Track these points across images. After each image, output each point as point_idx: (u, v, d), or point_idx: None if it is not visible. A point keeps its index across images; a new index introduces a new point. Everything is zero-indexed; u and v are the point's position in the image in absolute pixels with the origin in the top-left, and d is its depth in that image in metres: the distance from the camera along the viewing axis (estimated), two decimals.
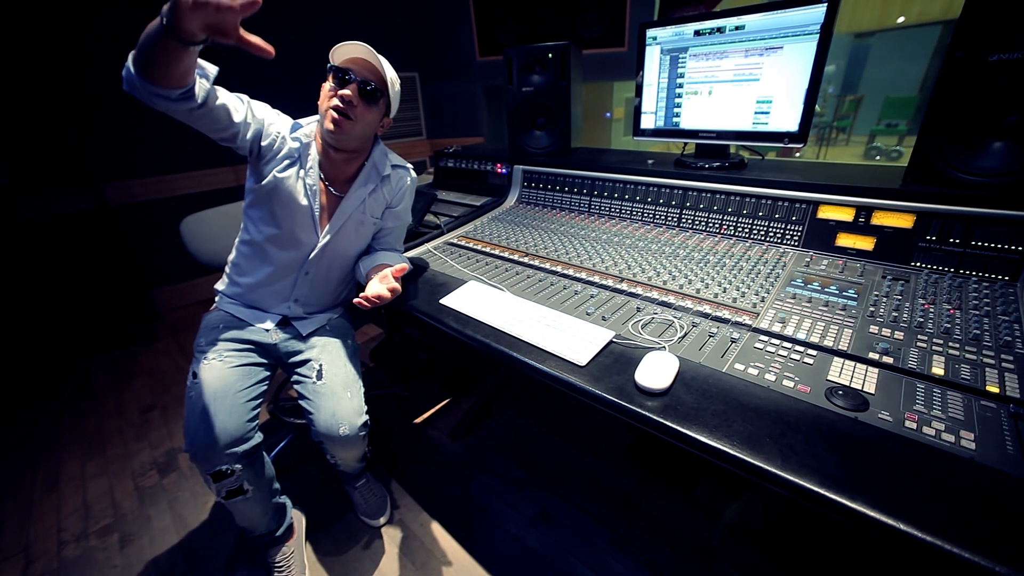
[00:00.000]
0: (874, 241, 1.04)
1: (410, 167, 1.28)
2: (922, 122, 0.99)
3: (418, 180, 2.11)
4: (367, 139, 1.14)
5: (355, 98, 1.02)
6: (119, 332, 2.66)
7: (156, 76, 0.82)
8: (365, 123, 1.06)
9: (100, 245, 2.54)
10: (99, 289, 2.57)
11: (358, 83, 1.02)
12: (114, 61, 0.87)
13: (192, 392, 1.05)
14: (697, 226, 1.30)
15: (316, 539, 1.40)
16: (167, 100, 0.87)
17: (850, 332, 0.81)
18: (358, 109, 1.03)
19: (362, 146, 1.14)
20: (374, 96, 1.04)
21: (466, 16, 3.20)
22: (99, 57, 2.38)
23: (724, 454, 0.60)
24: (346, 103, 1.01)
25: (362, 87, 1.02)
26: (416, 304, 1.06)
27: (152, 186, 2.70)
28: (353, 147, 1.12)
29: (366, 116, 1.05)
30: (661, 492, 1.48)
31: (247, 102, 1.04)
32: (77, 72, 2.35)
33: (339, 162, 1.14)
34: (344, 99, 1.01)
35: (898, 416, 0.63)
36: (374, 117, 1.08)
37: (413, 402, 2.00)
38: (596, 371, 0.78)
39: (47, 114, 2.32)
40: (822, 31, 1.05)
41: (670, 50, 1.31)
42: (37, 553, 1.40)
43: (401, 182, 1.24)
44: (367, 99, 1.04)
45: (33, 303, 2.41)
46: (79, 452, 1.81)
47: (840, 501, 0.52)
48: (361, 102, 1.03)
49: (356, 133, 1.07)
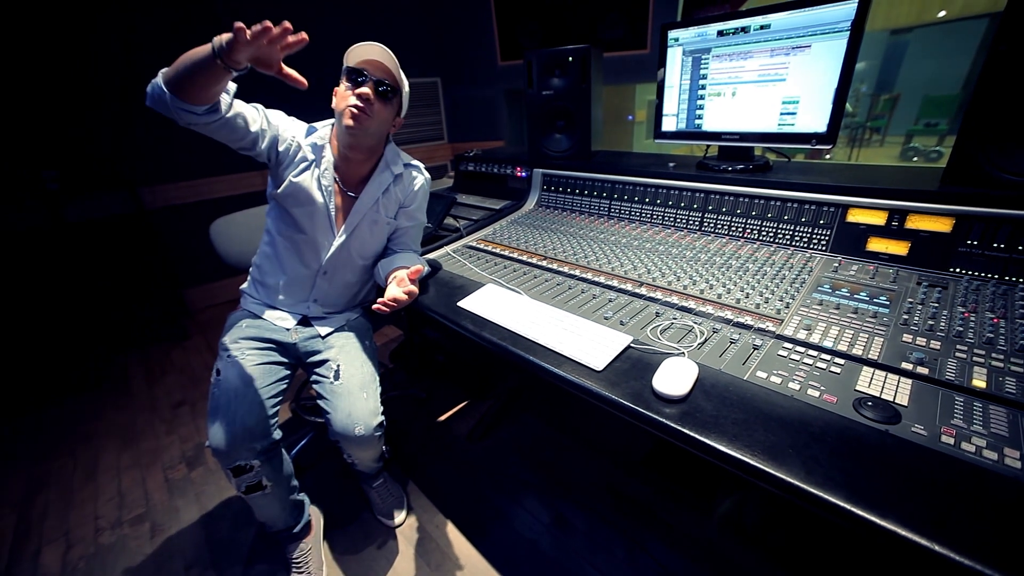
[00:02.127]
0: (908, 246, 1.00)
1: (421, 166, 1.30)
2: (962, 120, 0.95)
3: (439, 184, 2.15)
4: (381, 138, 1.16)
5: (372, 96, 1.05)
6: (153, 330, 2.78)
7: (190, 95, 0.89)
8: (380, 120, 1.09)
9: (137, 246, 2.67)
10: (136, 288, 2.70)
11: (374, 82, 1.05)
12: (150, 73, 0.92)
13: (215, 389, 1.09)
14: (719, 230, 1.27)
15: (333, 537, 1.42)
16: (193, 115, 0.93)
17: (881, 341, 0.78)
18: (375, 107, 1.06)
19: (376, 145, 1.17)
20: (388, 95, 1.08)
21: (487, 20, 3.22)
22: (138, 68, 2.51)
23: (744, 464, 0.58)
24: (364, 101, 1.04)
25: (377, 86, 1.05)
26: (434, 306, 1.07)
27: (186, 189, 2.82)
28: (369, 145, 1.14)
29: (381, 114, 1.08)
30: (680, 501, 1.44)
31: (262, 111, 1.09)
32: (119, 82, 2.48)
33: (354, 163, 1.17)
34: (362, 97, 1.04)
35: (934, 430, 0.59)
36: (388, 116, 1.11)
37: (431, 404, 2.01)
38: (613, 376, 0.77)
39: (91, 122, 2.46)
40: (853, 28, 1.02)
41: (692, 51, 1.29)
42: (76, 538, 1.48)
43: (414, 182, 1.26)
44: (382, 98, 1.07)
45: (75, 301, 2.55)
46: (115, 444, 1.90)
47: (868, 518, 0.49)
48: (377, 100, 1.06)
49: (372, 130, 1.09)
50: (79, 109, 2.41)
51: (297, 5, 2.95)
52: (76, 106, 2.40)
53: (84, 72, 2.38)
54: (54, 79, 2.32)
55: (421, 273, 1.04)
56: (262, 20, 0.75)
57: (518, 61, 3.19)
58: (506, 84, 3.39)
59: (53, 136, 2.37)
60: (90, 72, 2.40)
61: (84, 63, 2.37)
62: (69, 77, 2.35)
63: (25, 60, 2.23)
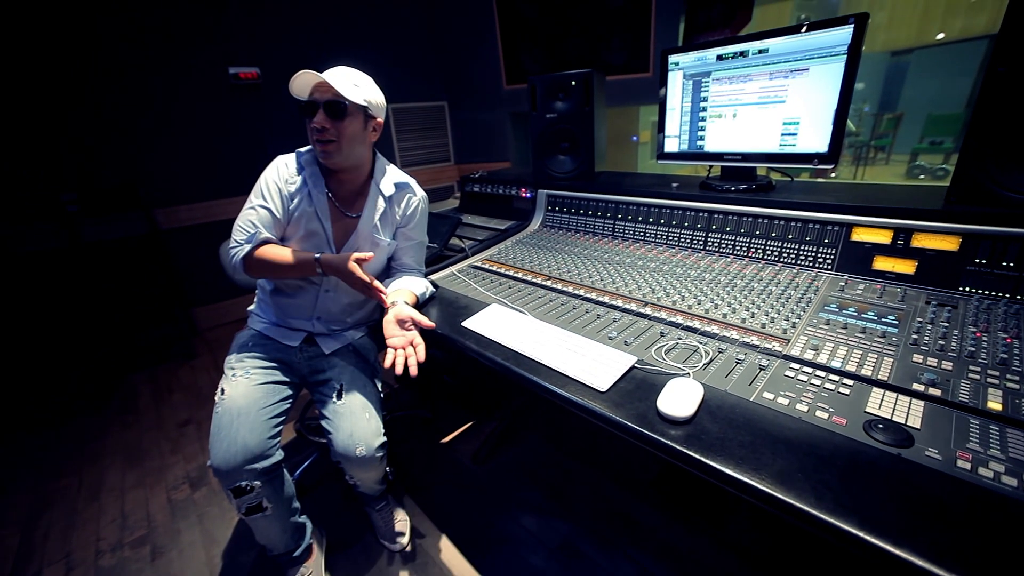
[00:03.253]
0: (915, 264, 0.99)
1: (414, 184, 1.30)
2: (964, 140, 0.95)
3: (444, 204, 2.18)
4: (360, 153, 1.16)
5: (326, 122, 1.06)
6: (162, 348, 2.81)
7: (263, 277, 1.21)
8: (349, 137, 1.09)
9: (150, 266, 2.72)
10: (147, 307, 2.74)
11: (323, 106, 1.06)
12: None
13: (219, 408, 1.09)
14: (723, 249, 1.27)
15: (335, 560, 1.39)
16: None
17: (891, 361, 0.76)
18: (332, 130, 1.06)
19: (359, 159, 1.17)
20: (342, 111, 1.06)
21: (493, 46, 3.32)
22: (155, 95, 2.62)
23: (752, 488, 0.57)
24: (320, 130, 1.06)
25: (328, 108, 1.06)
26: (439, 326, 1.08)
27: (198, 211, 2.89)
28: (352, 163, 1.15)
29: (345, 132, 1.08)
30: (690, 527, 1.40)
31: (269, 208, 1.14)
32: (137, 108, 2.58)
33: (345, 181, 1.19)
34: (316, 127, 1.05)
35: (948, 455, 0.58)
36: (356, 129, 1.11)
37: (436, 424, 1.99)
38: (617, 397, 0.76)
39: (109, 146, 2.55)
40: (850, 52, 1.04)
41: (693, 75, 1.32)
42: (77, 561, 1.46)
43: (409, 203, 1.27)
44: (336, 116, 1.06)
45: (89, 319, 2.60)
46: (120, 463, 1.89)
47: (882, 546, 0.48)
48: (332, 122, 1.06)
49: (346, 150, 1.10)
50: (97, 134, 2.50)
51: (304, 32, 3.06)
52: (94, 131, 2.49)
53: (103, 99, 2.48)
54: (74, 106, 2.42)
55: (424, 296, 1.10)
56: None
57: (523, 85, 3.27)
58: (511, 107, 3.47)
59: (72, 160, 2.46)
60: (108, 99, 2.50)
61: (103, 91, 2.48)
62: (88, 104, 2.45)
63: (47, 89, 2.34)
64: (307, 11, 3.04)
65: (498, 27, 3.24)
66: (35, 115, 2.33)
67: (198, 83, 2.72)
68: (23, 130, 2.31)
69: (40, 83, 2.31)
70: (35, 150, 2.36)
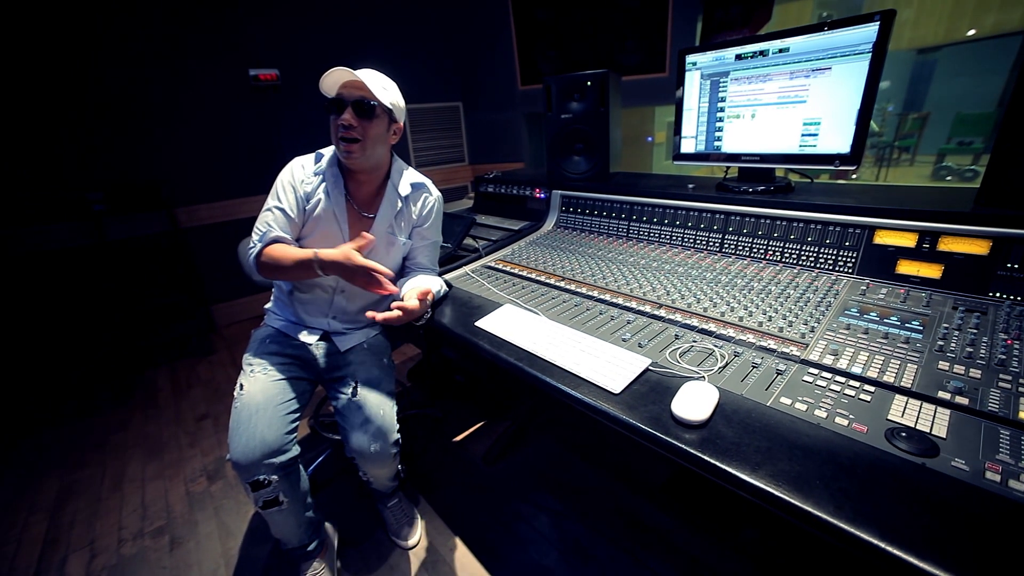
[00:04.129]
0: (942, 269, 0.96)
1: (430, 185, 1.31)
2: (996, 140, 0.92)
3: (459, 204, 2.19)
4: (381, 154, 1.18)
5: (353, 120, 1.07)
6: (182, 344, 2.88)
7: (274, 278, 1.20)
8: (372, 138, 1.11)
9: (171, 263, 2.80)
10: (167, 304, 2.81)
11: (351, 105, 1.07)
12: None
13: (238, 403, 1.11)
14: (740, 252, 1.25)
15: (346, 556, 1.41)
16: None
17: (915, 368, 0.74)
18: (359, 129, 1.08)
19: (379, 161, 1.19)
20: (370, 111, 1.08)
21: (508, 47, 3.33)
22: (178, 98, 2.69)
23: (768, 495, 0.56)
24: (347, 128, 1.07)
25: (356, 107, 1.07)
26: (452, 325, 1.08)
27: (218, 210, 2.95)
28: (372, 163, 1.17)
29: (370, 132, 1.10)
30: (702, 532, 1.38)
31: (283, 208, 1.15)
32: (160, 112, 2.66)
33: (364, 183, 1.21)
34: (344, 124, 1.06)
35: (977, 466, 0.56)
36: (380, 131, 1.12)
37: (448, 424, 2.00)
38: (631, 399, 0.75)
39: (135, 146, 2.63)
40: (875, 50, 1.01)
41: (711, 75, 1.30)
42: (100, 548, 1.51)
43: (425, 202, 1.28)
44: (364, 116, 1.08)
45: (113, 314, 2.68)
46: (141, 455, 1.95)
47: (904, 558, 0.46)
48: (360, 121, 1.08)
49: (368, 150, 1.12)
50: (123, 135, 2.58)
51: (322, 34, 3.11)
52: (120, 133, 2.57)
53: (129, 102, 2.56)
54: (101, 110, 2.50)
55: (433, 294, 1.09)
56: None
57: (538, 86, 3.27)
58: (526, 108, 3.47)
59: (99, 160, 2.54)
60: (135, 102, 2.57)
61: (129, 94, 2.55)
62: (115, 107, 2.53)
63: (76, 93, 2.42)
64: (324, 13, 3.09)
65: (513, 28, 3.24)
66: (65, 117, 2.41)
67: (220, 85, 2.79)
68: (53, 131, 2.39)
69: (70, 87, 2.39)
70: (64, 150, 2.44)
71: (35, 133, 2.35)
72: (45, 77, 2.32)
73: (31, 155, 2.37)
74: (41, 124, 2.36)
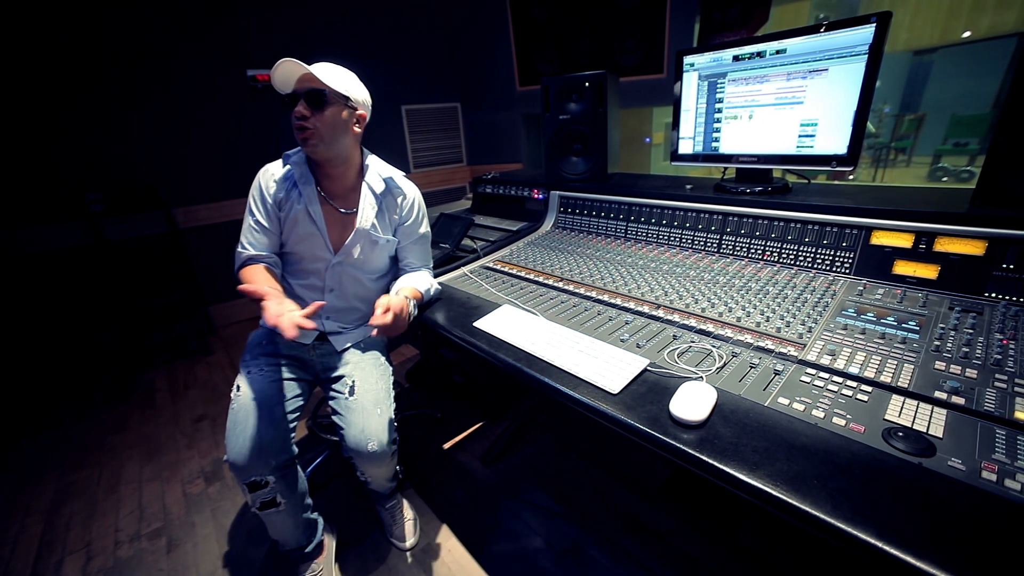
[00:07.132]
0: (938, 269, 0.96)
1: (401, 176, 1.28)
2: (991, 140, 0.92)
3: (456, 205, 2.19)
4: (345, 143, 1.14)
5: (306, 110, 1.06)
6: (179, 345, 2.87)
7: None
8: (330, 127, 1.09)
9: (169, 264, 2.79)
10: (165, 304, 2.81)
11: (303, 97, 1.06)
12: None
13: (235, 404, 1.11)
14: (738, 252, 1.25)
15: (344, 557, 1.40)
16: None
17: (911, 368, 0.75)
18: (312, 119, 1.06)
19: (344, 151, 1.16)
20: (321, 100, 1.06)
21: (506, 47, 3.33)
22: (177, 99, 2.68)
23: (765, 495, 0.56)
24: (300, 119, 1.06)
25: (308, 98, 1.06)
26: (450, 326, 1.08)
27: (215, 210, 2.94)
28: (335, 154, 1.14)
29: (325, 120, 1.08)
30: (702, 533, 1.38)
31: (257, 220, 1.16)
32: (159, 110, 2.65)
33: (335, 177, 1.19)
34: (297, 116, 1.06)
35: (973, 465, 0.56)
36: (336, 119, 1.09)
37: (446, 424, 2.00)
38: (629, 400, 0.75)
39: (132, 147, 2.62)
40: (871, 52, 1.01)
41: (708, 76, 1.30)
42: (97, 550, 1.50)
43: (403, 198, 1.27)
44: (316, 105, 1.06)
45: (110, 314, 2.67)
46: (138, 456, 1.94)
47: (901, 557, 0.46)
48: (312, 111, 1.06)
49: (327, 139, 1.10)
50: (122, 136, 2.57)
51: (320, 35, 3.11)
52: (119, 133, 2.56)
53: (129, 103, 2.55)
54: (100, 110, 2.49)
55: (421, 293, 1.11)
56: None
57: (536, 86, 3.28)
58: (524, 109, 3.47)
59: (97, 160, 2.53)
60: (134, 103, 2.57)
61: (129, 95, 2.55)
62: (114, 108, 2.52)
63: (75, 94, 2.41)
64: (324, 14, 3.08)
65: (512, 29, 3.25)
66: (64, 117, 2.40)
67: (218, 86, 2.78)
68: (52, 131, 2.38)
69: (69, 87, 2.38)
70: (62, 150, 2.43)
71: (34, 133, 2.34)
72: (44, 77, 2.32)
73: (30, 155, 2.36)
74: (40, 124, 2.35)
